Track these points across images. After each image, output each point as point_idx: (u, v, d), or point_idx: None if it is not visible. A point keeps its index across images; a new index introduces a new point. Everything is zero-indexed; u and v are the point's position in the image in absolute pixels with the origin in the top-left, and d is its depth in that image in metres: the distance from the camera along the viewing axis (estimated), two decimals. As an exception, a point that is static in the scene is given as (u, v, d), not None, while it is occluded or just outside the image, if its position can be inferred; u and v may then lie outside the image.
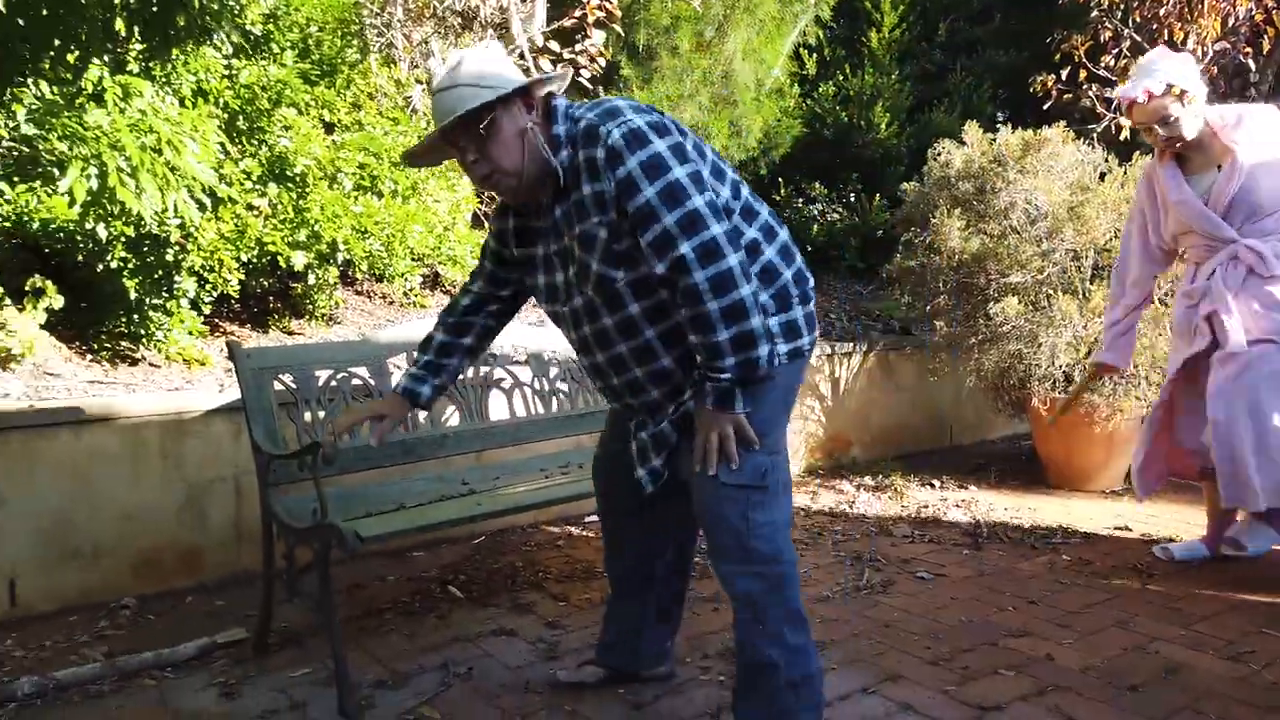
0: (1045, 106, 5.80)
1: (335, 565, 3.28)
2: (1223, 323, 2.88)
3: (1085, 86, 5.89)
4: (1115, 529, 3.74)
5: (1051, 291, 4.22)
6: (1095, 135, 5.15)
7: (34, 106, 3.19)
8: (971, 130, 4.67)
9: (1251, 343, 2.84)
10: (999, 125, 4.71)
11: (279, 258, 3.72)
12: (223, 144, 3.69)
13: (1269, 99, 5.57)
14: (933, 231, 4.48)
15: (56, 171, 3.16)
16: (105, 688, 2.41)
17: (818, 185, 6.78)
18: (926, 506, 4.16)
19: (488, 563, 3.43)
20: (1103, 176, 4.36)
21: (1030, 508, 4.13)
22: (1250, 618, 2.75)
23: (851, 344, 5.10)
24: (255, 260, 3.77)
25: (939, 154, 4.72)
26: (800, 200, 6.82)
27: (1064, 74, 5.89)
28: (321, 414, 2.72)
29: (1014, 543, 3.61)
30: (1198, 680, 2.35)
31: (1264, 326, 2.84)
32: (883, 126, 6.77)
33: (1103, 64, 5.82)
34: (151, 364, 3.70)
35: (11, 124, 3.27)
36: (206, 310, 3.90)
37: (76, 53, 2.94)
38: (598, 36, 5.18)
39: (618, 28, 5.41)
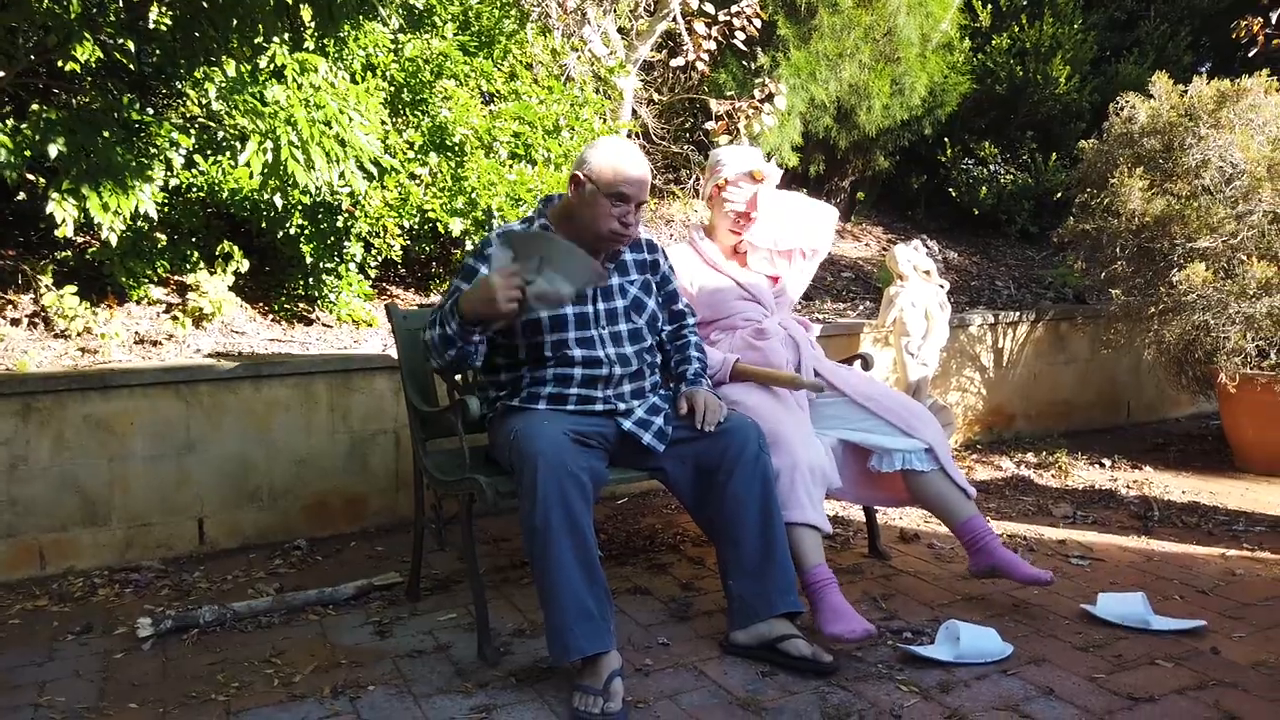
0: (1250, 54, 5.25)
1: (482, 518, 3.45)
2: None
3: (1298, 29, 5.29)
4: (1310, 518, 3.41)
5: (1245, 258, 3.84)
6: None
7: (223, 84, 3.45)
8: (1160, 81, 4.29)
9: None
10: (1198, 76, 4.31)
11: (439, 224, 3.88)
12: (384, 118, 3.86)
13: None
14: (1111, 192, 4.17)
15: (238, 145, 3.42)
16: (275, 620, 2.63)
17: (988, 145, 6.41)
18: (1093, 487, 3.91)
19: (628, 523, 3.50)
20: (1312, 129, 3.93)
21: (1211, 492, 3.81)
22: None
23: (1017, 312, 4.84)
24: (417, 227, 3.96)
25: (1121, 108, 4.38)
26: (969, 161, 6.48)
27: (1274, 16, 5.30)
28: (471, 375, 2.84)
29: (1188, 528, 3.36)
30: (1391, 688, 2.13)
31: None
32: (1062, 80, 6.30)
33: (1321, 3, 5.21)
34: (324, 324, 3.96)
35: (204, 101, 3.56)
36: (373, 274, 4.14)
37: (261, 28, 3.15)
38: (755, -5, 5.07)
39: (776, -14, 5.29)
